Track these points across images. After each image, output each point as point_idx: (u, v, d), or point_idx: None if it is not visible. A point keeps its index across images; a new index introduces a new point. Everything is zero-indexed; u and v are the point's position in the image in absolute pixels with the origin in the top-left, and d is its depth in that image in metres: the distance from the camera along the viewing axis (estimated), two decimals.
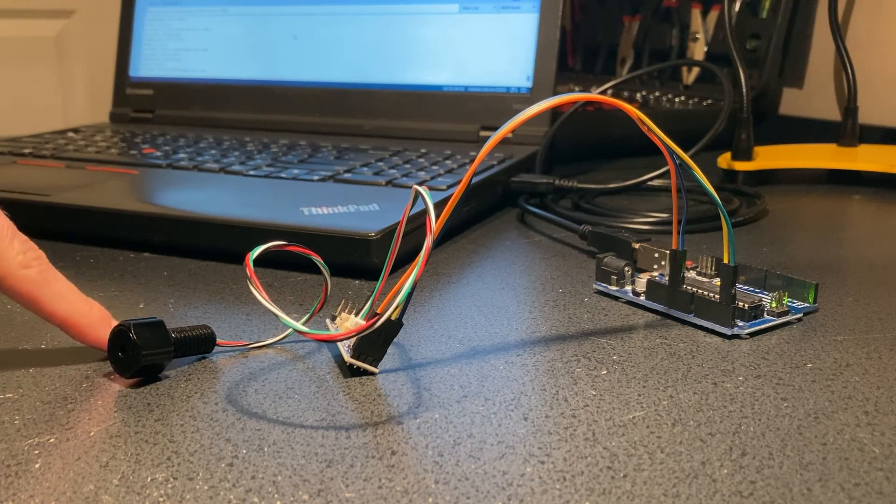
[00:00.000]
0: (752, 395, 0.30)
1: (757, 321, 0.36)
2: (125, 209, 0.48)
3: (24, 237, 0.32)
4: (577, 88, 0.85)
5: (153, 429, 0.28)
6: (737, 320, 0.35)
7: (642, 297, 0.38)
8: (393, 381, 0.31)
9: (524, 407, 0.29)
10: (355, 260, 0.42)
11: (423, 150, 0.61)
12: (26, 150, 0.63)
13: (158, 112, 0.78)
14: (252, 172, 0.56)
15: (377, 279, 0.33)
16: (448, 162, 0.58)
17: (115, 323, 0.32)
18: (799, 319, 0.37)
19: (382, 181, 0.53)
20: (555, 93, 0.65)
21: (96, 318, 0.33)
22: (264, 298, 0.29)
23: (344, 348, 0.32)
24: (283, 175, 0.55)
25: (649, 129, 0.32)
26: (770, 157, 0.65)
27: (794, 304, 0.37)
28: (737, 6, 0.79)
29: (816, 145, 0.70)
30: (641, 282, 0.39)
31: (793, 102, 0.81)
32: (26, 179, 0.56)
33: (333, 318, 0.35)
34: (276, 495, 0.24)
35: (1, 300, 0.39)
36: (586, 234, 0.46)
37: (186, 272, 0.44)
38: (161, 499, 0.24)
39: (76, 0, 1.04)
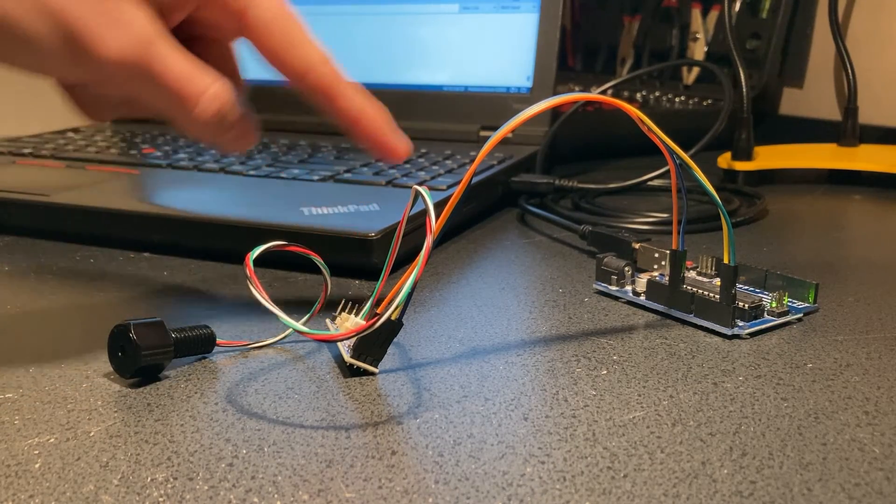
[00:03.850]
0: (752, 395, 0.30)
1: (757, 321, 0.36)
2: (125, 209, 0.48)
3: None
4: (577, 88, 0.85)
5: (153, 429, 0.28)
6: (737, 320, 0.35)
7: (642, 297, 0.38)
8: (393, 381, 0.31)
9: (524, 407, 0.29)
10: (355, 260, 0.42)
11: (423, 150, 0.61)
12: (26, 150, 0.63)
13: None
14: (252, 172, 0.56)
15: (377, 279, 0.33)
16: (448, 162, 0.58)
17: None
18: (799, 319, 0.37)
19: (382, 181, 0.53)
20: (555, 93, 0.65)
21: (385, 121, 0.33)
22: (264, 298, 0.29)
23: (344, 348, 0.32)
24: (283, 175, 0.55)
25: (649, 129, 0.32)
26: (770, 157, 0.65)
27: (794, 304, 0.37)
28: (737, 6, 0.79)
29: (816, 145, 0.70)
30: (641, 282, 0.39)
31: (793, 102, 0.81)
32: (26, 179, 0.56)
33: (333, 318, 0.35)
34: (276, 495, 0.24)
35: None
36: (586, 234, 0.46)
37: (186, 272, 0.44)
38: (161, 499, 0.24)
39: None
